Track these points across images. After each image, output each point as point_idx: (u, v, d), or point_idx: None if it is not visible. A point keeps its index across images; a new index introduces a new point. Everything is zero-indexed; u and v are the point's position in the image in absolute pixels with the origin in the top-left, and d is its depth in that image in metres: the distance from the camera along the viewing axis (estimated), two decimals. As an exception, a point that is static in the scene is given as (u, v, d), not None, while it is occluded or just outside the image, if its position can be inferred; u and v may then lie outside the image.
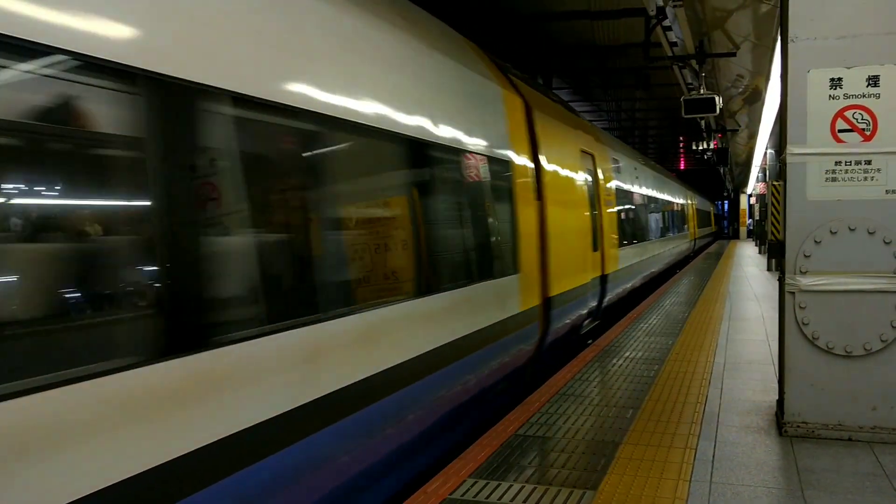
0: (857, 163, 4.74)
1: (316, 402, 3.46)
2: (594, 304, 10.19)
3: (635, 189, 14.87)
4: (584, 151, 9.88)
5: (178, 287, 2.74)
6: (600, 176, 10.91)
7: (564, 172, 8.67)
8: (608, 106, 26.46)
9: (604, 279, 10.56)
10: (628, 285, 13.14)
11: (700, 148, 27.87)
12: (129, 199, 2.80)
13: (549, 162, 7.98)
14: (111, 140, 2.68)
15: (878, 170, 4.71)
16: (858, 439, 4.81)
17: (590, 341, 9.43)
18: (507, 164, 6.65)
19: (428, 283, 4.90)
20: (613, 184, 12.04)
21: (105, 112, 2.64)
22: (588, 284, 9.43)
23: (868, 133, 4.71)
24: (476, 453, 4.73)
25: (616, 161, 12.83)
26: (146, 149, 2.64)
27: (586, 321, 9.92)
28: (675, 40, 13.54)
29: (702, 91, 14.30)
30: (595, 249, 10.07)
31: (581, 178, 9.52)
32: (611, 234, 11.21)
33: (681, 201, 26.18)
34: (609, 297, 11.14)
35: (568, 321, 8.55)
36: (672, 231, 22.38)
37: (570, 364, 7.48)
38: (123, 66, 2.54)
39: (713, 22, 12.92)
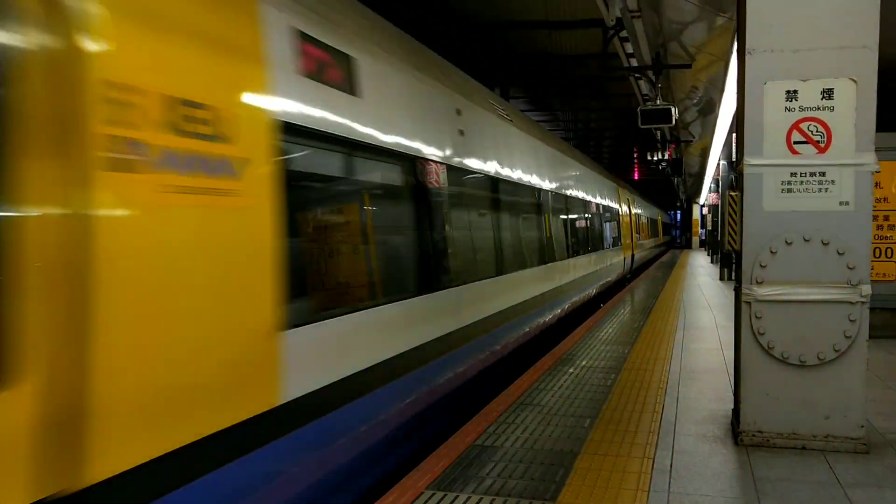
0: (812, 174, 4.80)
1: None
2: None
3: (478, 163, 7.19)
4: None
5: None
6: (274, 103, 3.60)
7: None
8: (565, 116, 26.68)
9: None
10: (413, 407, 5.26)
11: (655, 158, 28.26)
12: None
13: None
14: None
15: (832, 181, 4.78)
16: (812, 448, 4.86)
17: None
18: None
19: None
20: (368, 130, 4.74)
21: None
22: None
23: (822, 145, 4.78)
24: (433, 464, 4.65)
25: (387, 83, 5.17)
26: None
27: None
28: (631, 51, 13.68)
29: (658, 102, 14.46)
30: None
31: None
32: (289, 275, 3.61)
33: (606, 203, 17.35)
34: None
35: None
36: (584, 248, 13.68)
37: (527, 373, 7.45)
38: None
39: (669, 34, 13.09)
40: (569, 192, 12.42)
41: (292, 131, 3.81)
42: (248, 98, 3.44)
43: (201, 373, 3.03)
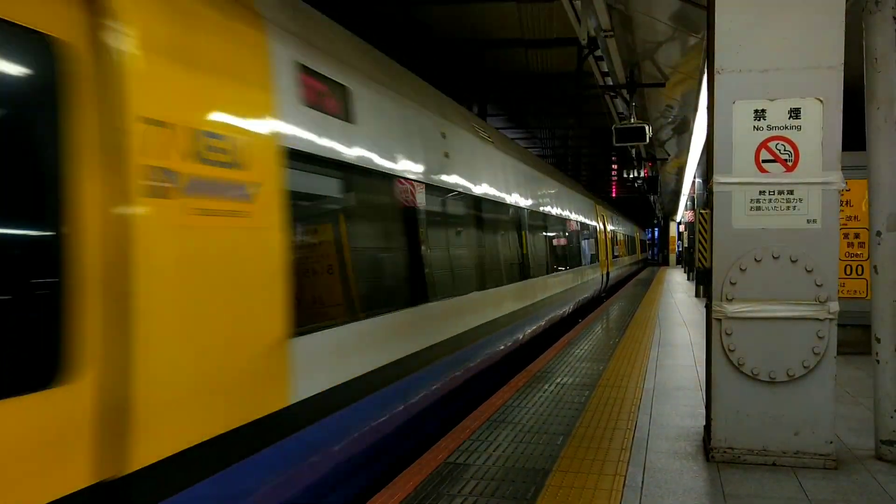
0: (780, 192, 4.86)
1: None
2: None
3: None
4: None
5: None
6: None
7: None
8: (542, 134, 26.83)
9: None
10: None
11: (631, 176, 28.46)
12: None
13: None
14: None
15: (800, 199, 4.84)
16: (782, 464, 4.89)
17: None
18: None
19: None
20: None
21: None
22: None
23: (790, 164, 4.84)
24: (405, 482, 4.62)
25: None
26: None
27: None
28: (606, 70, 13.81)
29: (632, 120, 14.58)
30: None
31: None
32: None
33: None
34: None
35: None
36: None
37: (501, 390, 7.44)
38: None
39: (643, 53, 13.24)
40: None
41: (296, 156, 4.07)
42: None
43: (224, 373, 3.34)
